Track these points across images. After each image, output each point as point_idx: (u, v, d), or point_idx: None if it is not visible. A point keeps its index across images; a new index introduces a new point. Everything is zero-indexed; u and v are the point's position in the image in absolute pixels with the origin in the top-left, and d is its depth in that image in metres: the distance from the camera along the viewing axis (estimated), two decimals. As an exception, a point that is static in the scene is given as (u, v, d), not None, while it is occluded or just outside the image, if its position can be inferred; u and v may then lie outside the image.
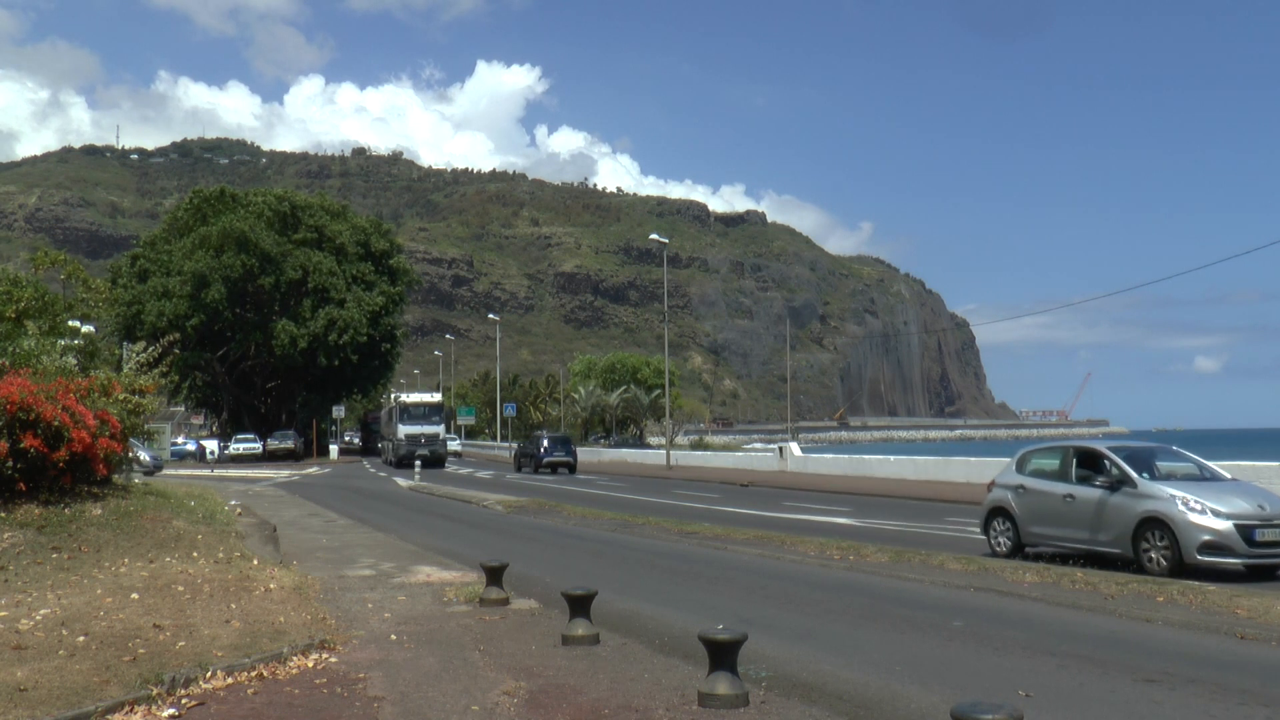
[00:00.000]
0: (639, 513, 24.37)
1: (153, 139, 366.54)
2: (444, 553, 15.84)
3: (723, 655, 6.66)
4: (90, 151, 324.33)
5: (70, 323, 21.79)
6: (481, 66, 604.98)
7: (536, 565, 14.36)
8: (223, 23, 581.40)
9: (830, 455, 49.44)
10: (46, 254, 23.90)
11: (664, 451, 57.43)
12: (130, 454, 34.13)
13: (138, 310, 61.02)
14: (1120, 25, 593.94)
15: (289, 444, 65.41)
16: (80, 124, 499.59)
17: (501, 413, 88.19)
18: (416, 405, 60.12)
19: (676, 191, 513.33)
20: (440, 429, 59.38)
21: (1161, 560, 13.33)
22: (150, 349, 19.94)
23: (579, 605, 8.78)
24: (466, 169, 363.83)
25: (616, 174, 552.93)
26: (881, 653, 8.60)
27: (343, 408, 75.08)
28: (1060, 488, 15.07)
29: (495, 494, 31.17)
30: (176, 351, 47.32)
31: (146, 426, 21.25)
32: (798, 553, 15.94)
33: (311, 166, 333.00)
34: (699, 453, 66.88)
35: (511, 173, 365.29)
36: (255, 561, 12.52)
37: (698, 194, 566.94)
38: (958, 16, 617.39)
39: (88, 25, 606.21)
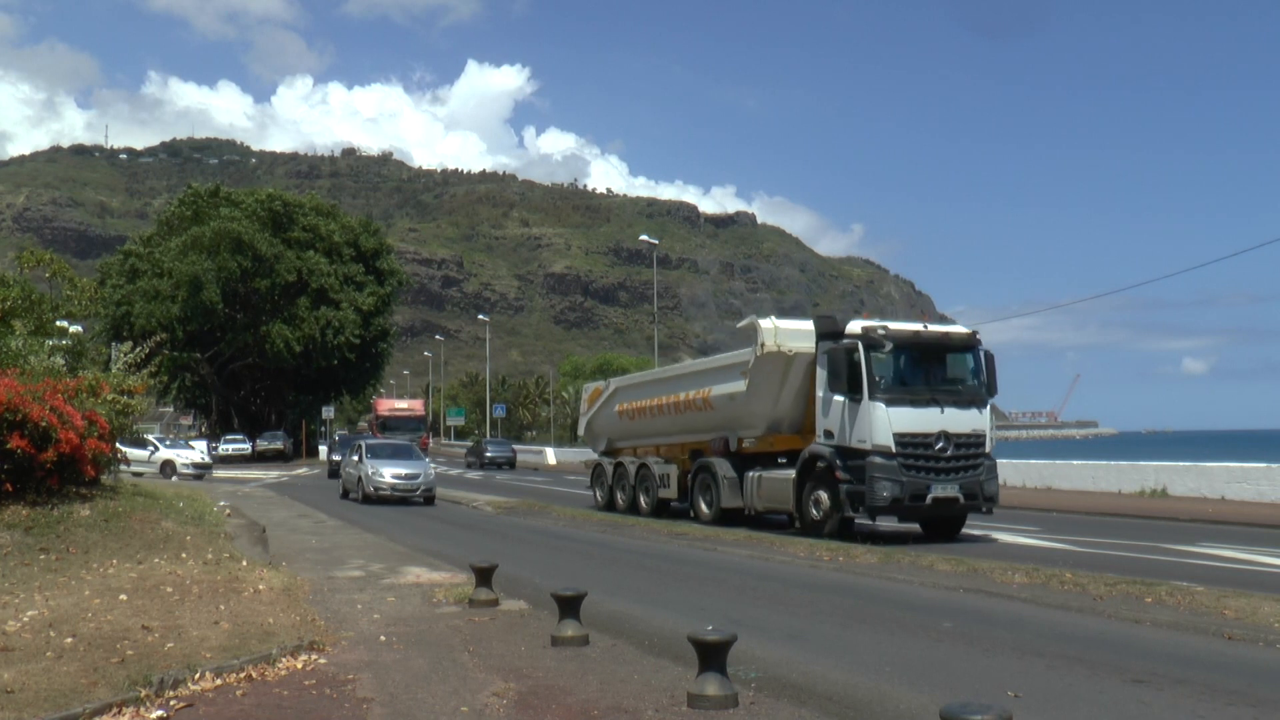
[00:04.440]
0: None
1: (146, 140, 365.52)
2: (433, 554, 15.81)
3: (712, 656, 6.66)
4: (79, 151, 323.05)
5: (59, 323, 21.71)
6: (473, 67, 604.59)
7: (526, 566, 14.35)
8: (221, 26, 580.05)
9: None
10: (33, 253, 23.81)
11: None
12: (153, 453, 33.70)
13: (126, 310, 60.77)
14: (1110, 27, 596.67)
15: (278, 445, 65.21)
16: (73, 126, 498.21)
17: (491, 414, 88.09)
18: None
19: (667, 193, 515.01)
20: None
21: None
22: (138, 349, 19.88)
23: (568, 606, 8.78)
24: (457, 170, 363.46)
25: (607, 175, 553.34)
26: (871, 653, 8.61)
27: (333, 409, 74.90)
28: None
29: (485, 495, 31.16)
30: (165, 352, 46.97)
31: (135, 427, 21.18)
32: (787, 553, 15.97)
33: (301, 167, 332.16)
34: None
35: (501, 173, 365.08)
36: (244, 563, 12.49)
37: (689, 195, 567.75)
38: (949, 18, 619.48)
39: (86, 28, 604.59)
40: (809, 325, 19.43)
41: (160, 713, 6.52)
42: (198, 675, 7.25)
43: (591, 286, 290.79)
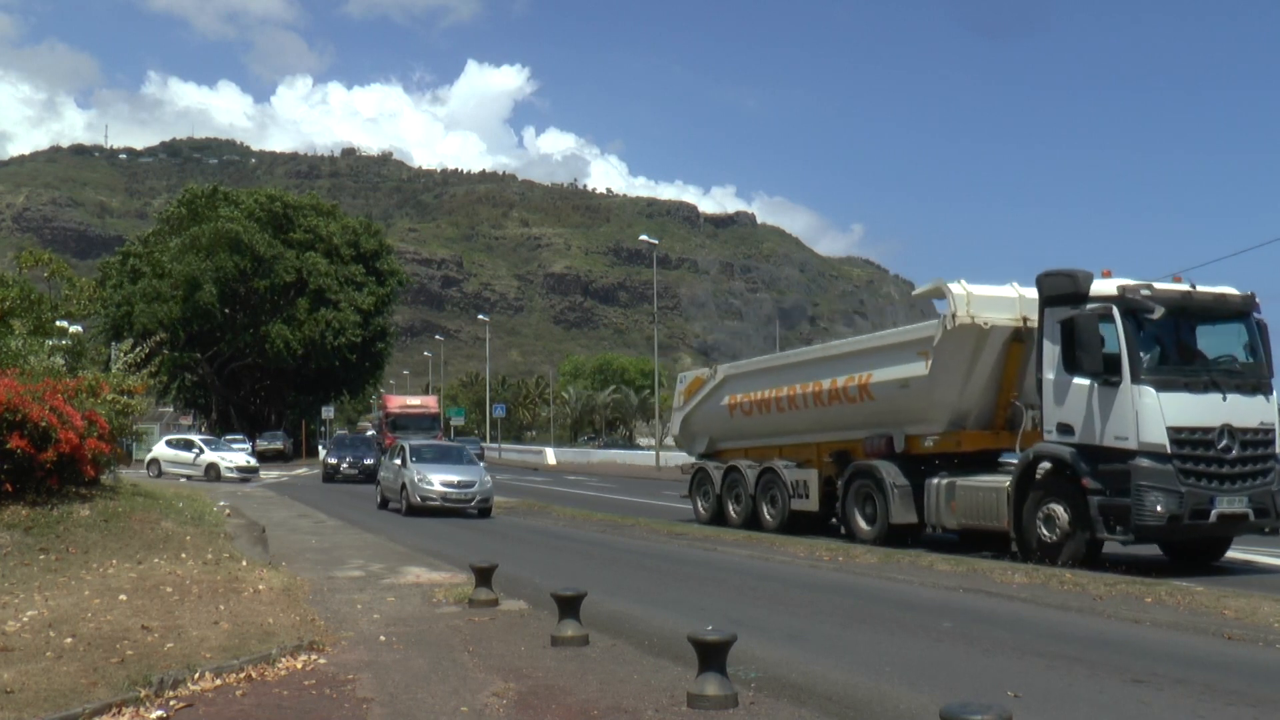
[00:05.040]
0: (628, 514, 24.41)
1: (146, 140, 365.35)
2: (433, 554, 15.81)
3: (712, 656, 6.67)
4: (79, 151, 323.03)
5: (58, 323, 21.70)
6: (473, 67, 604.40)
7: (526, 566, 14.35)
8: (222, 26, 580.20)
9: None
10: (32, 253, 23.79)
11: (653, 453, 57.40)
12: (199, 457, 33.37)
13: (127, 311, 60.77)
14: (1110, 27, 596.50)
15: (278, 445, 65.17)
16: (73, 126, 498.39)
17: (491, 414, 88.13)
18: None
19: (667, 193, 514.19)
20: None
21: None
22: (138, 349, 19.88)
23: (568, 606, 8.78)
24: (456, 170, 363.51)
25: (607, 175, 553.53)
26: (871, 654, 8.61)
27: (332, 408, 74.90)
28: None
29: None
30: (165, 352, 46.86)
31: (135, 427, 21.18)
32: (787, 554, 15.98)
33: (301, 167, 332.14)
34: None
35: (501, 173, 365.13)
36: (244, 562, 12.49)
37: (689, 195, 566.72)
38: (950, 18, 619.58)
39: (86, 29, 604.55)
40: (1005, 292, 16.11)
41: (160, 713, 6.52)
42: (197, 675, 7.25)
43: (591, 286, 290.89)
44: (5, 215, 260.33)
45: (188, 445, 41.16)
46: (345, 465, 40.43)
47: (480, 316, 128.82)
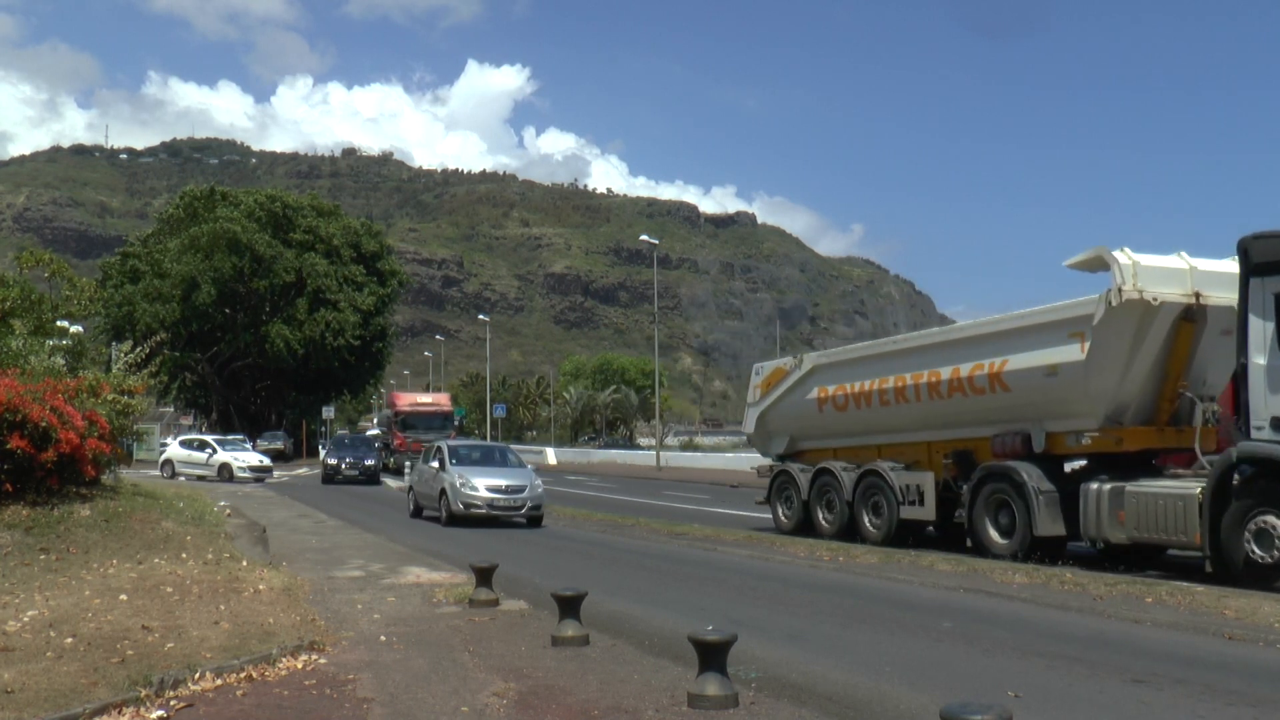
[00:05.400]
0: (628, 514, 24.41)
1: (146, 140, 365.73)
2: (433, 554, 15.81)
3: (712, 656, 6.67)
4: (79, 151, 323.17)
5: (59, 323, 21.72)
6: (473, 67, 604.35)
7: (526, 566, 14.35)
8: (222, 26, 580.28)
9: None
10: (32, 253, 23.83)
11: (654, 452, 57.41)
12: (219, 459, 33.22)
13: (129, 311, 60.81)
14: (1110, 27, 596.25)
15: (278, 445, 65.19)
16: (74, 126, 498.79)
17: (491, 414, 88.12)
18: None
19: (667, 193, 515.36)
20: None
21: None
22: (138, 349, 19.89)
23: (568, 606, 8.78)
24: (457, 170, 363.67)
25: (607, 175, 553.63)
26: (871, 654, 8.61)
27: (333, 408, 74.92)
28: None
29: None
30: (166, 352, 46.82)
31: (135, 427, 21.18)
32: (787, 554, 15.98)
33: (301, 167, 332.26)
34: (689, 454, 66.93)
35: (502, 173, 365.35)
36: (244, 562, 12.49)
37: (689, 195, 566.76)
38: (950, 18, 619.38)
39: (87, 29, 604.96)
40: (1174, 263, 14.12)
41: (160, 713, 6.52)
42: (198, 675, 7.25)
43: (592, 286, 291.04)
44: (6, 215, 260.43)
45: (201, 445, 41.29)
46: (345, 466, 40.04)
47: (480, 316, 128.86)
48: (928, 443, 17.20)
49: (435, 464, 22.49)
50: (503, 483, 21.31)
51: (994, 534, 15.16)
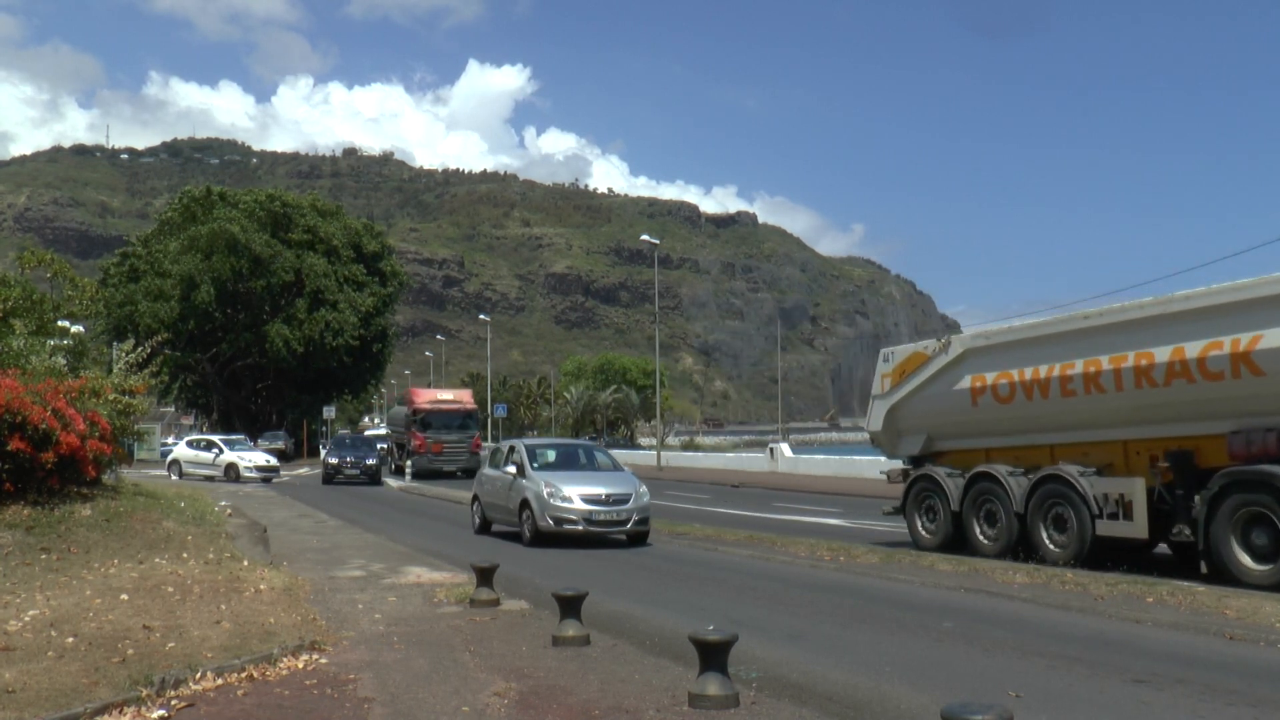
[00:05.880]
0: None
1: (147, 140, 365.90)
2: (434, 554, 15.82)
3: (713, 656, 6.67)
4: (80, 151, 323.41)
5: (60, 323, 21.73)
6: (474, 67, 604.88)
7: (526, 566, 14.35)
8: (224, 27, 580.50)
9: (821, 456, 49.49)
10: (34, 253, 23.82)
11: (654, 452, 57.40)
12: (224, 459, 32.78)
13: (130, 311, 60.83)
14: (1110, 27, 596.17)
15: (279, 445, 65.22)
16: (75, 127, 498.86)
17: (492, 414, 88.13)
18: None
19: (668, 193, 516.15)
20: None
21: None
22: (139, 349, 19.91)
23: (569, 606, 8.78)
24: (458, 170, 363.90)
25: (608, 175, 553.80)
26: (872, 654, 8.61)
27: (333, 408, 74.91)
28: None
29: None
30: (166, 352, 46.80)
31: (136, 427, 21.20)
32: (788, 554, 15.96)
33: (302, 167, 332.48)
34: (689, 453, 66.90)
35: (502, 173, 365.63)
36: (245, 562, 12.49)
37: (690, 195, 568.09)
38: (949, 18, 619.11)
39: (89, 29, 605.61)
40: None
41: (161, 712, 6.53)
42: (199, 675, 7.26)
43: (592, 286, 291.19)
44: (7, 215, 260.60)
45: (208, 446, 41.35)
46: (346, 466, 39.72)
47: (481, 316, 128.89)
48: (1123, 441, 14.07)
49: (511, 469, 18.54)
50: (602, 491, 17.39)
51: (1246, 559, 12.07)
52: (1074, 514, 13.99)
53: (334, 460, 40.12)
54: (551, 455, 19.47)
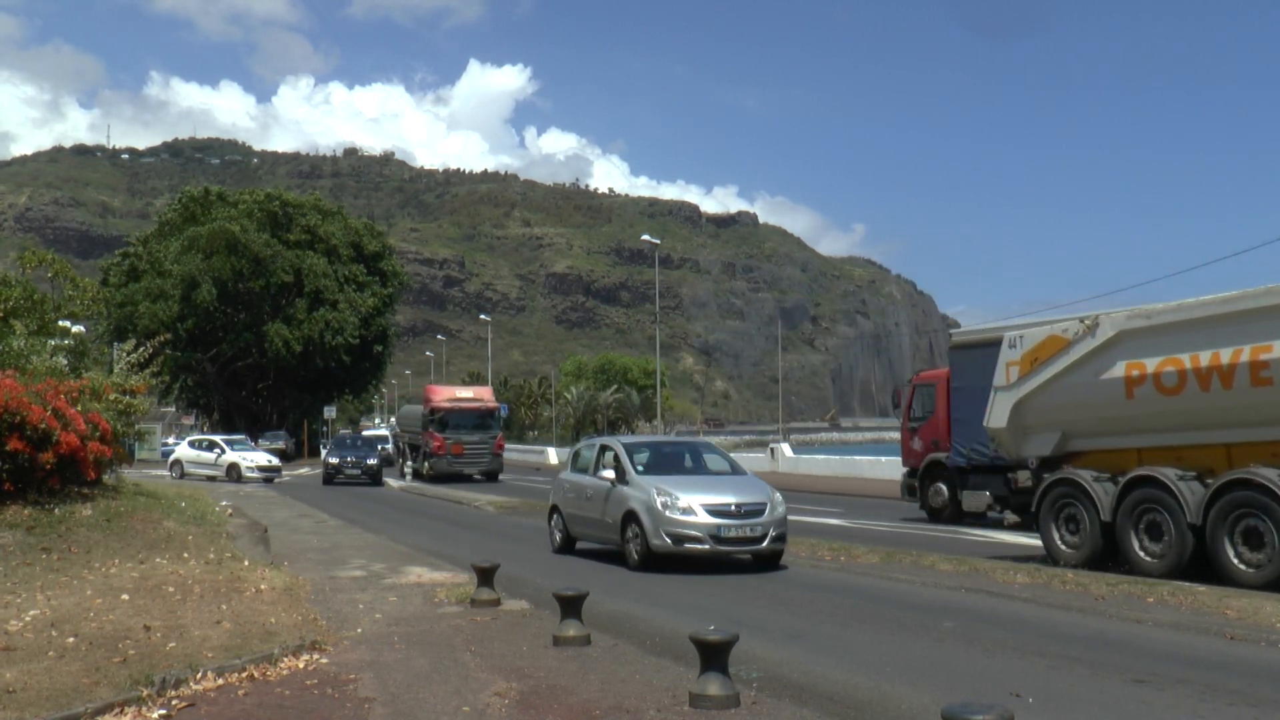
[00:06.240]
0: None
1: (148, 140, 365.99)
2: (435, 554, 15.82)
3: (714, 656, 6.67)
4: (81, 151, 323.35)
5: (61, 323, 21.73)
6: (474, 67, 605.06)
7: (527, 566, 14.35)
8: (225, 27, 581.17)
9: (821, 456, 49.46)
10: (34, 253, 23.82)
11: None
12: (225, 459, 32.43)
13: (130, 311, 60.86)
14: (1110, 27, 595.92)
15: (279, 445, 65.24)
16: (77, 127, 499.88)
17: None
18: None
19: (669, 192, 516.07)
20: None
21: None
22: (140, 349, 19.92)
23: (570, 606, 8.78)
24: (458, 169, 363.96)
25: (608, 175, 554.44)
26: (872, 654, 8.61)
27: (334, 408, 74.93)
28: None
29: (486, 495, 31.14)
30: (167, 352, 46.80)
31: (137, 427, 21.21)
32: (789, 553, 15.94)
33: (303, 167, 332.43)
34: (690, 454, 66.74)
35: (503, 173, 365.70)
36: (246, 562, 12.50)
37: (690, 195, 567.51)
38: (949, 18, 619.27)
39: (91, 30, 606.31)
40: None
41: (162, 712, 6.53)
42: (199, 675, 7.26)
43: (593, 286, 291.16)
44: (8, 215, 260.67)
45: (210, 446, 41.41)
46: (347, 466, 39.46)
47: (482, 316, 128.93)
48: None
49: (607, 474, 15.08)
50: (730, 500, 13.95)
51: None
52: (1275, 531, 11.63)
53: (334, 460, 39.89)
54: (652, 456, 15.98)
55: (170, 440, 69.94)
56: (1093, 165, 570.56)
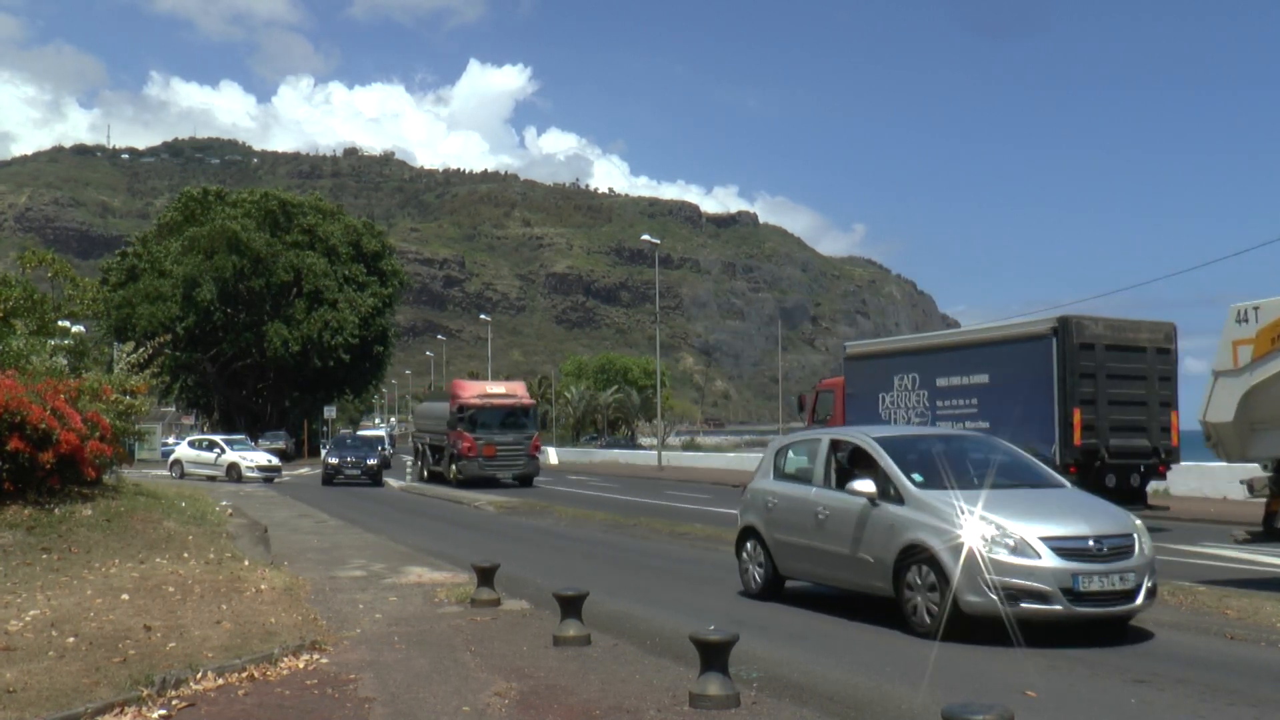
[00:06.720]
0: (631, 514, 24.37)
1: (148, 140, 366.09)
2: (435, 554, 15.81)
3: (714, 656, 6.66)
4: (81, 151, 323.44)
5: (61, 323, 21.73)
6: (475, 67, 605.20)
7: (528, 566, 14.35)
8: (226, 27, 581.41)
9: (822, 456, 49.32)
10: (34, 253, 23.82)
11: (655, 452, 57.35)
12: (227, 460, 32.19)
13: (129, 312, 60.87)
14: (1111, 27, 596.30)
15: (280, 444, 65.22)
16: (77, 127, 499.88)
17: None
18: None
19: (669, 192, 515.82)
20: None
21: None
22: (140, 349, 19.90)
23: (570, 606, 8.77)
24: (459, 169, 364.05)
25: (609, 175, 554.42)
26: (873, 653, 8.60)
27: (334, 408, 74.94)
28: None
29: (486, 494, 31.12)
30: (167, 352, 46.78)
31: (138, 427, 21.20)
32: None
33: (303, 167, 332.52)
34: (690, 453, 66.93)
35: (503, 173, 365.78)
36: (246, 562, 12.50)
37: (690, 195, 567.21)
38: (949, 18, 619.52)
39: (91, 30, 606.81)
40: None
41: (162, 712, 6.53)
42: (199, 675, 7.26)
43: (593, 286, 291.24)
44: (8, 215, 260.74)
45: (210, 446, 41.40)
46: (347, 466, 39.11)
47: (482, 316, 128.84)
48: None
49: (864, 488, 9.90)
50: (1086, 531, 9.06)
51: None
52: None
53: (334, 460, 39.54)
54: (923, 458, 10.35)
55: (170, 440, 69.88)
56: (1093, 165, 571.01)
